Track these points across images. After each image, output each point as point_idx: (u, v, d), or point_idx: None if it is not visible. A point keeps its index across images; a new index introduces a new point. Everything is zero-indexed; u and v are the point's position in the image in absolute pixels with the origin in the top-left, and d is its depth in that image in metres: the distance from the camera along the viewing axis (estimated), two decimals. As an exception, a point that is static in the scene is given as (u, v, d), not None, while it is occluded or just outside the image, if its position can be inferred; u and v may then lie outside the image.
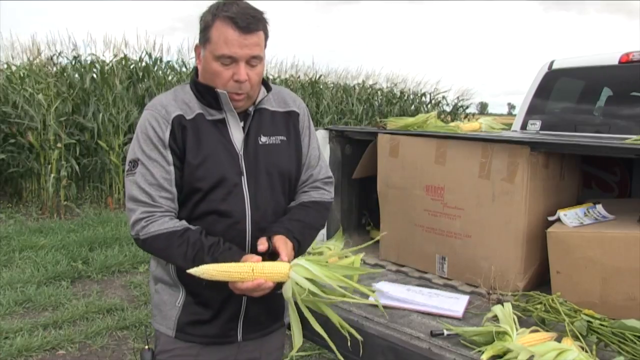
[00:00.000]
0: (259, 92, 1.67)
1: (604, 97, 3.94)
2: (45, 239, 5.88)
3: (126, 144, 8.22)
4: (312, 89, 11.75)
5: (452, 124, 3.04)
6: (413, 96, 14.06)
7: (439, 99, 14.31)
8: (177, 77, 9.50)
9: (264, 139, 1.68)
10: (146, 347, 1.73)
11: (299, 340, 1.48)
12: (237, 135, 1.65)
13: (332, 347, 1.52)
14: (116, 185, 8.27)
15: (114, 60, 8.64)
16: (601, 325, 1.70)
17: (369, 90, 13.07)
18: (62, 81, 8.12)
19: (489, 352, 1.59)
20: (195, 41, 1.66)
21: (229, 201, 1.61)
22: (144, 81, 8.90)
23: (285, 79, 11.51)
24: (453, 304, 2.03)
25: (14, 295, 4.38)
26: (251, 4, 1.60)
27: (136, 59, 8.93)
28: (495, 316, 1.77)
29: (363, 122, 12.19)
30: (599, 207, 2.21)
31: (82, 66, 8.56)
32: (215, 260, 1.47)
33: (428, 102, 14.27)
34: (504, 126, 3.27)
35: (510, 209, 2.15)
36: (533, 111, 3.97)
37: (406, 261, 2.55)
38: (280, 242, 1.56)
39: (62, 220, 6.98)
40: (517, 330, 1.66)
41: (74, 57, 8.59)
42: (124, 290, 4.77)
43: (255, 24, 1.54)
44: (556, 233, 2.05)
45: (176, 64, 9.63)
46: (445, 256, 2.38)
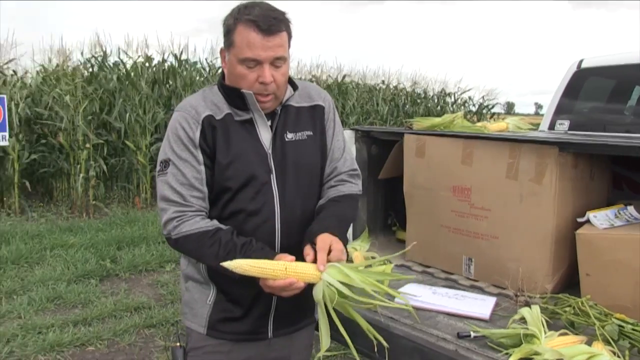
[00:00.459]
0: (286, 92, 1.68)
1: (635, 96, 3.86)
2: (75, 237, 6.00)
3: (153, 144, 8.33)
4: (337, 89, 11.76)
5: (479, 124, 3.02)
6: (438, 96, 13.97)
7: (464, 99, 14.20)
8: (202, 78, 9.59)
9: (290, 136, 1.69)
10: (177, 344, 1.76)
11: (326, 341, 1.49)
12: (265, 134, 1.66)
13: (354, 352, 1.52)
14: (143, 185, 8.38)
15: (140, 62, 8.77)
16: (634, 329, 1.66)
17: (393, 91, 13.02)
18: (90, 82, 8.26)
19: (516, 355, 1.57)
20: (219, 43, 1.67)
21: (258, 200, 1.62)
22: (169, 82, 9.01)
23: (310, 79, 11.53)
24: (480, 305, 2.01)
25: (45, 292, 4.48)
26: (274, 5, 1.61)
27: (161, 60, 9.04)
28: (523, 318, 1.75)
29: (388, 122, 12.14)
30: (631, 208, 2.17)
31: (109, 67, 8.71)
32: (248, 259, 1.48)
33: (453, 102, 14.15)
34: (531, 126, 3.23)
35: (538, 210, 2.12)
36: (561, 111, 3.91)
37: (432, 262, 2.53)
38: (324, 239, 1.53)
39: (91, 220, 7.11)
40: (545, 333, 1.63)
41: (102, 58, 8.73)
42: (151, 289, 4.84)
43: (277, 25, 1.55)
44: (586, 235, 2.02)
45: (201, 65, 9.73)
46: (472, 257, 2.36)
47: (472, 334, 1.75)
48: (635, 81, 3.79)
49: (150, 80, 8.69)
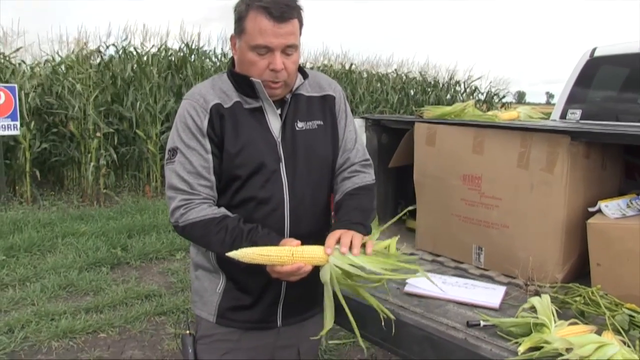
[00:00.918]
0: (296, 80, 1.68)
1: (650, 85, 3.81)
2: (86, 225, 6.06)
3: (163, 132, 8.36)
4: (346, 77, 11.71)
5: (490, 112, 3.00)
6: (448, 85, 13.88)
7: (474, 88, 14.10)
8: (214, 67, 9.58)
9: (300, 125, 1.69)
10: (187, 332, 1.78)
11: (330, 322, 1.49)
12: (274, 122, 1.66)
13: (358, 337, 1.53)
14: (153, 173, 8.42)
15: (151, 51, 8.77)
16: (644, 319, 1.66)
17: (403, 79, 12.96)
18: (101, 71, 8.29)
19: (526, 344, 1.57)
20: (230, 31, 1.67)
21: (268, 188, 1.62)
22: (181, 71, 9.01)
23: (319, 67, 11.49)
24: (490, 294, 2.01)
25: (57, 279, 4.54)
26: None
27: (175, 49, 9.05)
28: (533, 308, 1.75)
29: (398, 111, 12.09)
30: (643, 198, 2.15)
31: (120, 56, 8.72)
32: (254, 244, 1.48)
33: (463, 91, 14.06)
34: (542, 115, 3.20)
35: (549, 199, 2.11)
36: (573, 100, 3.87)
37: (442, 251, 2.53)
38: (346, 235, 1.53)
39: (102, 208, 7.17)
40: (555, 322, 1.63)
41: (114, 47, 8.75)
42: (161, 277, 4.87)
43: (289, 12, 1.54)
44: (597, 224, 2.01)
45: (214, 53, 9.72)
46: (482, 246, 2.35)
47: (482, 323, 1.75)
48: (650, 70, 3.74)
49: (162, 68, 8.69)
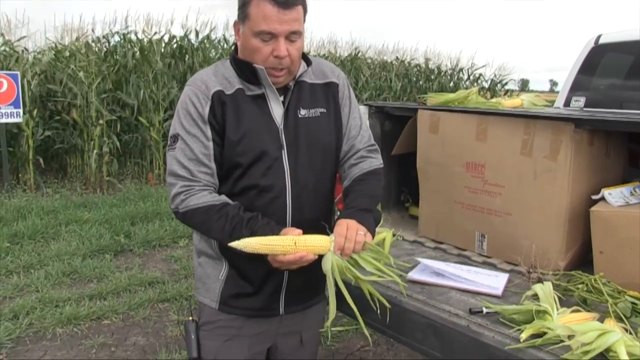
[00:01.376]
0: (299, 67, 1.67)
1: (655, 72, 3.78)
2: (89, 213, 6.07)
3: (166, 120, 8.36)
4: (351, 64, 11.66)
5: (493, 100, 2.99)
6: (451, 72, 13.82)
7: (477, 75, 14.03)
8: (218, 54, 9.55)
9: (303, 112, 1.68)
10: (190, 318, 1.78)
11: (333, 311, 1.51)
12: (277, 109, 1.65)
13: (361, 324, 1.54)
14: (156, 161, 8.42)
15: (154, 37, 8.74)
16: (646, 306, 1.66)
17: (407, 67, 12.90)
18: (105, 59, 8.26)
19: (528, 331, 1.57)
20: (234, 18, 1.66)
21: (270, 175, 1.62)
22: (184, 59, 8.98)
23: (324, 54, 11.45)
24: (492, 281, 2.01)
25: (61, 266, 4.56)
26: None
27: (179, 35, 9.02)
28: (535, 295, 1.75)
29: (401, 98, 12.05)
30: (646, 186, 2.15)
31: (123, 44, 8.69)
32: (254, 233, 1.49)
33: (466, 78, 13.99)
34: (546, 103, 3.18)
35: (552, 187, 2.11)
36: (577, 87, 3.85)
37: (445, 238, 2.53)
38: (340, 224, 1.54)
39: (105, 195, 7.18)
40: (557, 309, 1.63)
41: (116, 33, 8.71)
42: (164, 264, 4.89)
43: None
44: (600, 212, 2.00)
45: (218, 41, 9.68)
46: (485, 234, 2.35)
47: (485, 310, 1.75)
48: (656, 57, 3.71)
49: (166, 55, 8.66)
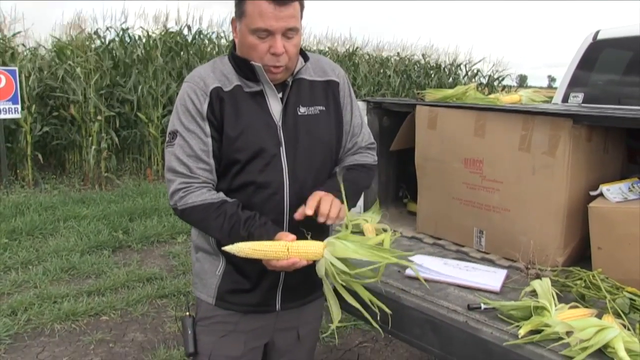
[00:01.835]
0: (297, 63, 1.66)
1: (653, 68, 3.78)
2: (88, 209, 6.07)
3: (165, 116, 8.35)
4: (349, 60, 11.65)
5: (492, 96, 2.98)
6: (450, 68, 13.81)
7: (476, 71, 14.02)
8: (215, 50, 9.53)
9: (302, 110, 1.67)
10: (187, 313, 1.79)
11: (337, 313, 1.52)
12: (275, 106, 1.65)
13: (369, 320, 1.54)
14: (155, 157, 8.41)
15: (154, 34, 8.71)
16: (645, 302, 1.66)
17: (405, 62, 12.88)
18: (102, 55, 8.24)
19: (526, 327, 1.57)
20: (231, 14, 1.65)
21: (267, 172, 1.62)
22: (181, 55, 8.96)
23: (321, 50, 11.43)
24: (490, 278, 2.01)
25: (59, 262, 4.56)
26: None
27: (176, 31, 8.98)
28: (534, 291, 1.75)
29: (400, 94, 12.04)
30: (645, 182, 2.15)
31: (122, 39, 8.66)
32: (251, 235, 1.51)
33: (464, 74, 13.98)
34: (545, 98, 3.18)
35: (550, 182, 2.10)
36: (575, 83, 3.85)
37: (443, 234, 2.53)
38: (312, 198, 1.57)
39: (103, 191, 7.18)
40: (555, 305, 1.63)
41: (114, 30, 8.69)
42: (162, 260, 4.89)
43: None
44: (598, 208, 2.00)
45: (216, 35, 9.66)
46: (483, 230, 2.35)
47: (483, 306, 1.75)
48: (654, 53, 3.70)
49: (164, 51, 8.64)
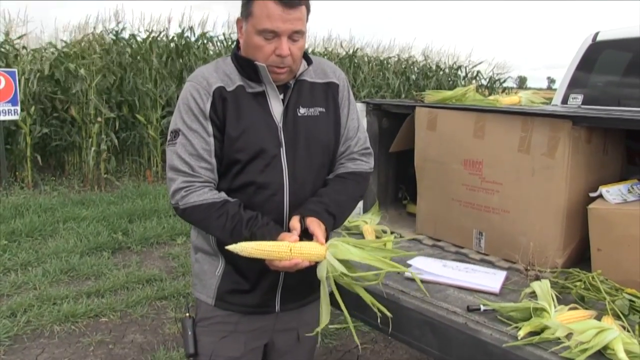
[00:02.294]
0: (300, 65, 1.67)
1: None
2: (87, 210, 6.06)
3: (164, 117, 8.35)
4: (349, 62, 11.65)
5: (491, 97, 2.99)
6: (449, 69, 13.81)
7: (475, 73, 14.03)
8: (216, 52, 9.53)
9: (302, 111, 1.68)
10: (187, 314, 1.79)
11: (326, 317, 1.52)
12: (276, 107, 1.66)
13: (369, 321, 1.54)
14: (154, 158, 8.41)
15: (152, 35, 8.71)
16: (644, 304, 1.66)
17: (404, 64, 12.89)
18: (104, 57, 8.24)
19: (526, 329, 1.57)
20: (235, 15, 1.66)
21: (267, 173, 1.62)
22: (182, 57, 8.96)
23: (320, 52, 11.43)
24: (490, 279, 2.01)
25: (59, 264, 4.55)
26: None
27: (176, 33, 8.98)
28: (533, 292, 1.75)
29: (399, 95, 12.05)
30: (644, 183, 2.15)
31: (121, 41, 8.66)
32: (253, 235, 1.51)
33: (464, 75, 13.99)
34: (545, 100, 3.18)
35: (550, 184, 2.10)
36: (575, 85, 3.85)
37: (443, 236, 2.53)
38: (314, 224, 1.56)
39: (103, 193, 7.17)
40: (555, 307, 1.64)
41: (116, 32, 8.67)
42: (162, 261, 4.89)
43: None
44: (598, 210, 2.00)
45: (217, 38, 9.67)
46: (482, 231, 2.35)
47: (482, 308, 1.75)
48: (653, 54, 3.71)
49: (163, 53, 8.64)
